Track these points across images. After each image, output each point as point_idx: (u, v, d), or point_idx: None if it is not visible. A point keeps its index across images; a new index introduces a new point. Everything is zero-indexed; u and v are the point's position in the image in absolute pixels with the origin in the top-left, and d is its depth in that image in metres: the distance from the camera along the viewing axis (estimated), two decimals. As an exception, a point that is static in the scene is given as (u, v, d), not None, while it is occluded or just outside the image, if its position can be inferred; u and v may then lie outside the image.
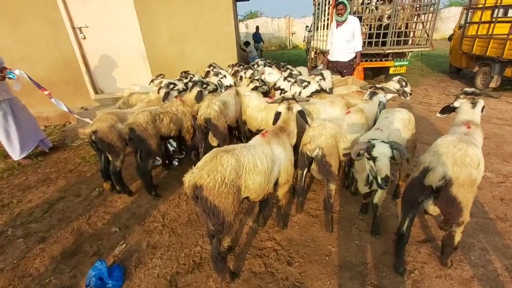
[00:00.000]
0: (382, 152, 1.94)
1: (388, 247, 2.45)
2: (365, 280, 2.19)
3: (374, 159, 1.95)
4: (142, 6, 5.32)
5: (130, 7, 5.32)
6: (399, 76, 3.62)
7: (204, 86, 3.52)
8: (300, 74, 4.11)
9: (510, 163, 3.77)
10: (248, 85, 3.85)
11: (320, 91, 3.63)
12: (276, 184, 2.32)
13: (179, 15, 5.42)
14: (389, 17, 7.10)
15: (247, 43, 11.78)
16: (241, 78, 4.27)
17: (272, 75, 4.33)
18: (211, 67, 4.73)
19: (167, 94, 3.44)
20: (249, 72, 4.26)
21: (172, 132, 3.30)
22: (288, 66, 4.59)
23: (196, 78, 3.97)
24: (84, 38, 5.58)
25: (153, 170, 3.96)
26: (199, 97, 3.37)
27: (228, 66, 5.21)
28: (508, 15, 7.92)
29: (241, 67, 4.76)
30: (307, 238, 2.64)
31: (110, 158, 3.07)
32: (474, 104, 2.46)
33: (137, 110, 3.15)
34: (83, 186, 3.66)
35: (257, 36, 16.21)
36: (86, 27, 5.52)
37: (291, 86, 3.75)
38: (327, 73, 3.96)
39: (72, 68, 5.62)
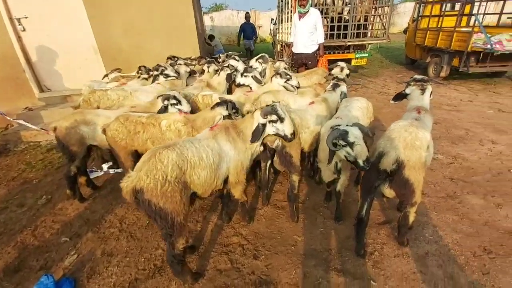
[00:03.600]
0: (357, 135, 1.94)
1: (351, 232, 2.51)
2: (329, 266, 2.22)
3: (351, 144, 1.93)
4: (88, -6, 4.85)
5: (76, -5, 4.83)
6: (340, 62, 3.79)
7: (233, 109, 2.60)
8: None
9: (458, 145, 4.09)
10: (219, 74, 3.68)
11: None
12: (226, 181, 2.21)
13: (133, 5, 5.05)
14: (347, 11, 7.32)
15: (211, 37, 11.38)
16: (203, 71, 4.09)
17: (239, 67, 4.21)
18: (172, 60, 4.50)
19: (161, 110, 2.68)
20: (213, 66, 4.08)
21: None
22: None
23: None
24: (24, 30, 4.96)
25: (110, 168, 3.69)
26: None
27: (190, 59, 4.97)
28: (455, 9, 8.58)
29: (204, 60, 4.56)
30: (273, 230, 2.62)
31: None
32: (423, 91, 2.60)
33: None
34: (28, 195, 3.27)
35: (247, 29, 10.51)
36: (26, 18, 4.90)
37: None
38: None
39: (11, 64, 4.97)
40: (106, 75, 4.30)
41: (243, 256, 2.33)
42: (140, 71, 3.81)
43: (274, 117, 2.09)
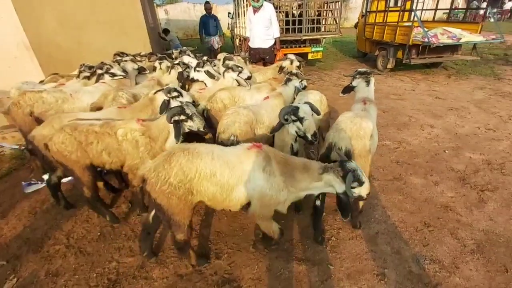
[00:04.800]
0: (307, 111, 2.13)
1: (310, 221, 2.61)
2: (291, 255, 2.29)
3: (301, 119, 2.10)
4: (14, -17, 4.22)
5: (-4, -18, 4.18)
6: (290, 55, 3.89)
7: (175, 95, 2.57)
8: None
9: (403, 131, 4.48)
10: (170, 72, 3.51)
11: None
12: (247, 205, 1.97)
13: (68, -5, 4.53)
14: (299, 6, 7.49)
15: (166, 31, 10.82)
16: (155, 68, 3.86)
17: (192, 64, 4.05)
18: (120, 57, 4.16)
19: (166, 104, 2.48)
20: (165, 63, 3.86)
21: (108, 165, 2.33)
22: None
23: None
24: None
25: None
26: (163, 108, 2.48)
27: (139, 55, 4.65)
28: (398, 5, 9.31)
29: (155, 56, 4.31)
30: (235, 227, 2.61)
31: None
32: (367, 82, 2.76)
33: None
34: (-50, 217, 2.81)
35: (208, 23, 8.21)
36: None
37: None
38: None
39: None
40: (41, 81, 3.81)
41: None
42: (81, 70, 3.46)
43: (355, 184, 1.76)
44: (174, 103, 2.55)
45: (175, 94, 2.59)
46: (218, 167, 1.78)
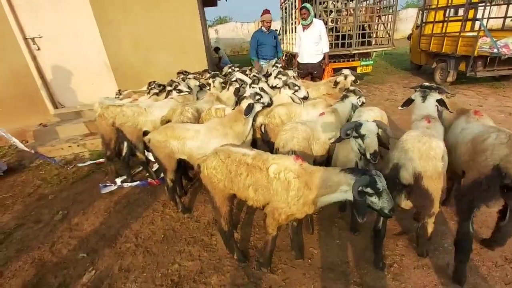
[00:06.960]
0: (370, 129, 2.06)
1: (367, 243, 2.47)
2: (348, 279, 2.19)
3: (362, 136, 2.06)
4: (100, 13, 5.00)
5: (87, 14, 5.00)
6: (344, 70, 3.89)
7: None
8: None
9: (471, 151, 4.02)
10: (228, 89, 3.75)
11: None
12: None
13: (141, 21, 5.18)
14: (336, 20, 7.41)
15: (217, 49, 11.65)
16: (209, 85, 4.15)
17: (247, 80, 4.24)
18: (184, 75, 4.58)
19: (251, 107, 2.71)
20: (218, 79, 4.13)
21: (251, 201, 2.08)
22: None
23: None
24: (38, 49, 5.16)
25: (124, 182, 3.71)
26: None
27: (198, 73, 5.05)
28: (459, 14, 8.61)
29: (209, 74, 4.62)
30: (289, 242, 2.59)
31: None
32: (424, 98, 2.52)
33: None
34: (44, 211, 3.32)
35: (266, 42, 5.83)
36: (40, 37, 5.11)
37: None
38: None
39: (25, 83, 5.14)
40: (119, 92, 4.40)
41: (259, 270, 2.31)
42: (151, 87, 3.90)
43: None
44: (257, 106, 2.82)
45: (258, 97, 2.81)
46: None
